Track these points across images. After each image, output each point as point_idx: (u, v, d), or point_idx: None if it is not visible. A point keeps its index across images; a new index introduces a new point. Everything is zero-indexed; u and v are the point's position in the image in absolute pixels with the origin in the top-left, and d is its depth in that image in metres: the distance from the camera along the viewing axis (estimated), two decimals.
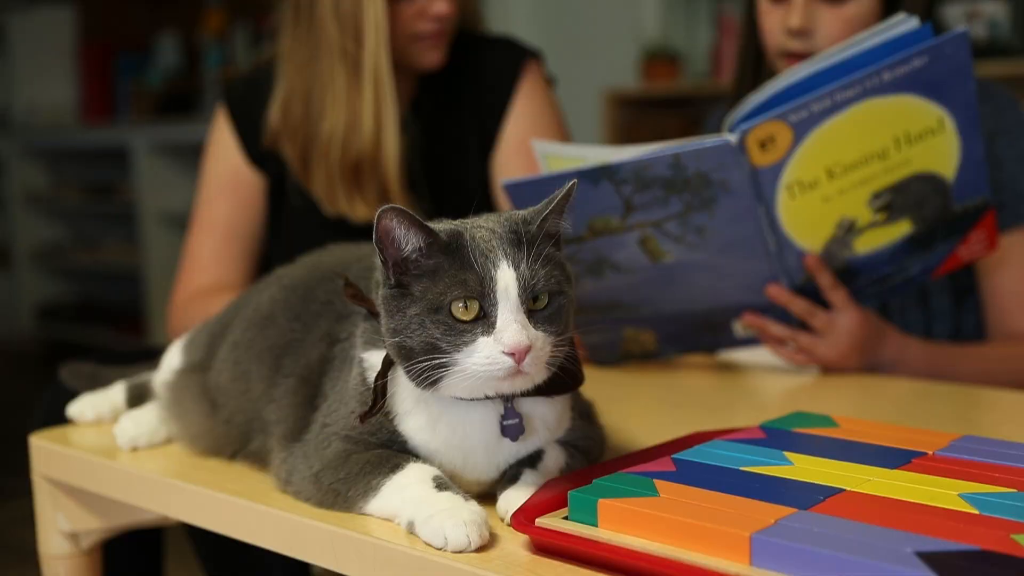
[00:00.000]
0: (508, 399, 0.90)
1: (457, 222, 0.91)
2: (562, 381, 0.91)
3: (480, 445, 0.91)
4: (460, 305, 0.85)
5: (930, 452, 0.91)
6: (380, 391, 0.91)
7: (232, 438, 1.08)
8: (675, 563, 0.74)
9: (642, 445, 1.01)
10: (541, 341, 0.86)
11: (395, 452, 0.92)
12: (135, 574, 1.62)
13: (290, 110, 1.69)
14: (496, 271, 0.85)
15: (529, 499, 0.86)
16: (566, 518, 0.82)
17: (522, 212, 0.91)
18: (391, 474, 0.89)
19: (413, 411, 0.92)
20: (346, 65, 1.62)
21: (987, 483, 0.83)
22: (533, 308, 0.86)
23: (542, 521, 0.82)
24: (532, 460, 0.93)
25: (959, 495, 0.80)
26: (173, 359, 1.21)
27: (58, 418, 1.32)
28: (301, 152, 1.70)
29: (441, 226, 0.89)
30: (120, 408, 1.25)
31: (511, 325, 0.84)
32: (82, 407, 1.25)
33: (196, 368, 1.16)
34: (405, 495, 0.87)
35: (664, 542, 0.76)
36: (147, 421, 1.16)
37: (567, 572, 0.78)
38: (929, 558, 0.67)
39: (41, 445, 1.20)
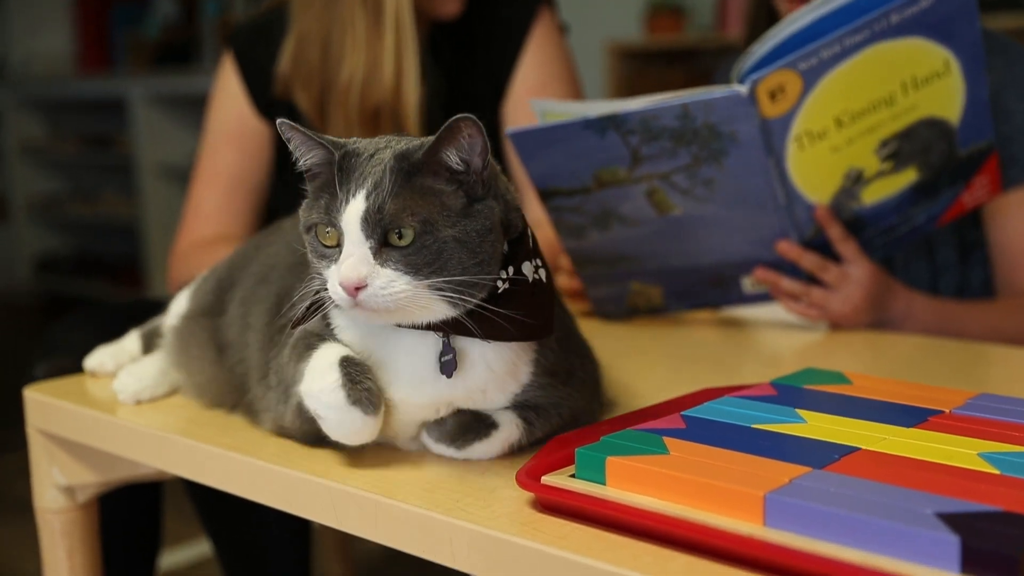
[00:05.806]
0: (444, 334, 0.86)
1: (373, 142, 0.87)
2: (502, 327, 0.84)
3: (415, 377, 0.87)
4: (323, 229, 0.84)
5: (947, 410, 0.89)
6: (315, 301, 0.88)
7: (234, 387, 1.06)
8: (686, 523, 0.72)
9: (650, 401, 0.99)
10: (384, 280, 0.81)
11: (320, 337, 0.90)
12: (132, 528, 1.61)
13: (304, 56, 1.65)
14: (351, 201, 0.82)
15: (534, 456, 0.84)
16: (573, 475, 0.80)
17: (420, 141, 0.85)
18: (309, 354, 0.88)
19: (349, 327, 0.90)
20: (367, 9, 1.60)
21: (1007, 442, 0.80)
22: (392, 244, 0.81)
23: (548, 479, 0.80)
24: (482, 424, 0.89)
25: (978, 455, 0.77)
26: (180, 305, 1.18)
27: (56, 370, 1.29)
28: (317, 99, 1.66)
29: (351, 145, 0.87)
30: (137, 356, 1.22)
31: (347, 259, 0.81)
32: (101, 359, 1.22)
33: (203, 313, 1.13)
34: (308, 366, 0.87)
35: (674, 501, 0.74)
36: (148, 375, 1.14)
37: (574, 531, 0.76)
38: (950, 519, 0.65)
39: (36, 398, 1.17)
